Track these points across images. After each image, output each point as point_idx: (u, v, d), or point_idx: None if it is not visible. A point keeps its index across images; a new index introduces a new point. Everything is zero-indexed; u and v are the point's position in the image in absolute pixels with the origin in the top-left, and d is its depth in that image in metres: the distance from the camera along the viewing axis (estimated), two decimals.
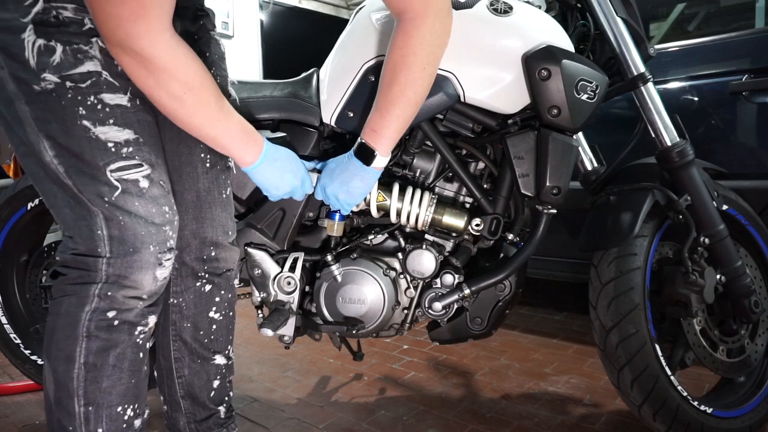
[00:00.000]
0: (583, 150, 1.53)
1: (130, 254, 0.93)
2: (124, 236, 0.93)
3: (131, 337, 0.96)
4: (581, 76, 1.13)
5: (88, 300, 0.93)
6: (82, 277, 0.94)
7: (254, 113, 1.30)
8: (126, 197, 0.93)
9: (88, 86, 0.89)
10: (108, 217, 0.92)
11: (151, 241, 0.94)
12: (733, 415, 1.38)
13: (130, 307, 0.95)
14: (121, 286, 0.93)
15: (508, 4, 1.17)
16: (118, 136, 0.92)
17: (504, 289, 1.28)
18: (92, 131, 0.90)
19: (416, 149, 1.30)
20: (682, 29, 2.35)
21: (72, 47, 0.88)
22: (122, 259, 0.93)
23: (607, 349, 1.31)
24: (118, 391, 0.95)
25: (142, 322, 0.98)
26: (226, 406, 1.24)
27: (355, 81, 1.21)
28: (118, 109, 0.92)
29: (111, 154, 0.91)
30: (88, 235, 0.93)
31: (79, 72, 0.88)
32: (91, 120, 0.89)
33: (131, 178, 0.93)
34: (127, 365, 0.96)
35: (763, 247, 1.49)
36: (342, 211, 1.22)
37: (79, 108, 0.89)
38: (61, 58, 0.87)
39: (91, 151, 0.90)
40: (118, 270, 0.93)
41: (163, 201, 0.97)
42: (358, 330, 1.28)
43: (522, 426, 1.52)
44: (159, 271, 0.96)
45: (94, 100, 0.90)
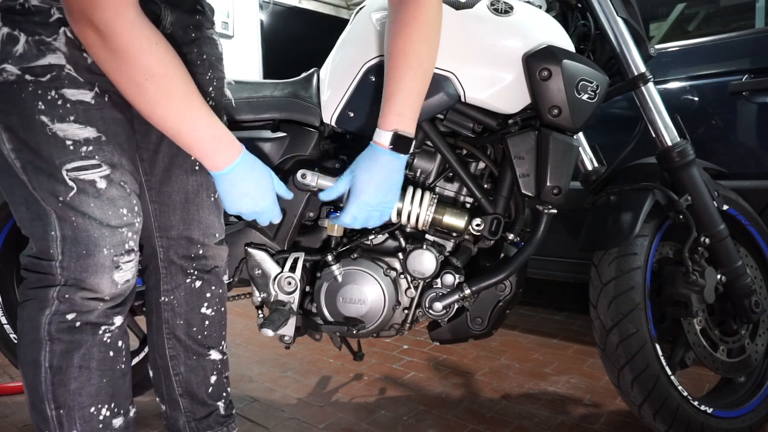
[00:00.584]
0: (584, 150, 1.53)
1: (84, 257, 0.90)
2: (77, 237, 0.90)
3: (95, 337, 0.94)
4: (582, 76, 1.13)
5: (48, 303, 0.91)
6: (40, 280, 0.92)
7: (254, 113, 1.30)
8: (81, 198, 0.89)
9: (48, 80, 0.85)
10: (61, 217, 0.89)
11: (105, 244, 0.91)
12: (734, 415, 1.38)
13: (90, 308, 0.93)
14: (78, 288, 0.91)
15: (509, 4, 1.17)
16: (77, 134, 0.88)
17: (504, 289, 1.28)
18: (50, 127, 0.86)
19: (417, 149, 1.30)
20: (682, 29, 2.35)
21: (35, 38, 0.84)
22: (75, 261, 0.90)
23: (607, 349, 1.32)
24: (89, 391, 0.93)
25: (107, 323, 0.96)
26: (225, 403, 1.23)
27: (356, 81, 1.21)
28: (80, 106, 0.88)
29: (68, 152, 0.88)
30: (41, 235, 0.90)
31: (40, 65, 0.85)
32: (50, 116, 0.86)
33: (87, 179, 0.89)
34: (95, 365, 0.94)
35: (763, 247, 1.50)
36: (383, 219, 1.12)
37: (39, 102, 0.85)
38: (23, 49, 0.84)
39: (49, 149, 0.87)
40: (73, 273, 0.90)
41: (121, 203, 0.93)
42: (358, 330, 1.28)
43: (522, 426, 1.52)
44: (117, 274, 0.93)
45: (54, 95, 0.86)
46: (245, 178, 0.98)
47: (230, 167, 0.95)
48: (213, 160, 0.94)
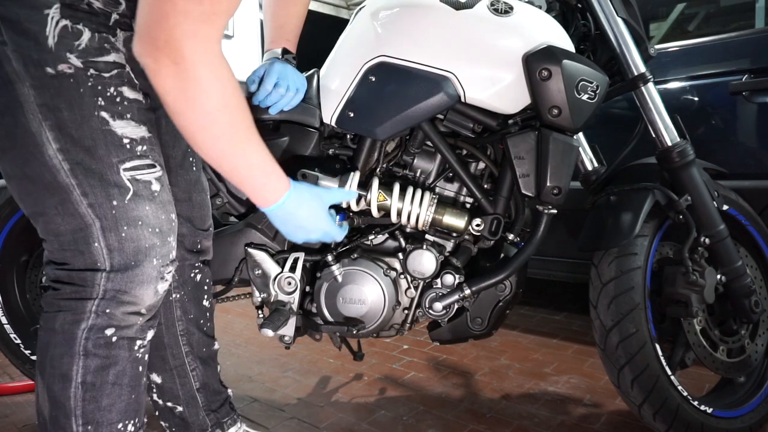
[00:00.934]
0: (584, 150, 1.53)
1: (132, 268, 0.87)
2: (125, 248, 0.87)
3: (131, 353, 0.92)
4: (582, 77, 1.13)
5: (84, 317, 0.87)
6: (77, 292, 0.88)
7: (254, 114, 1.30)
8: (137, 201, 0.87)
9: (111, 77, 0.84)
10: (106, 227, 0.85)
11: (155, 254, 0.89)
12: (734, 415, 1.38)
13: (130, 323, 0.90)
14: (119, 302, 0.88)
15: (509, 5, 1.17)
16: (134, 133, 0.87)
17: (504, 289, 1.28)
18: (110, 124, 0.84)
19: (417, 149, 1.30)
20: (682, 29, 2.35)
21: (101, 35, 0.84)
22: (123, 273, 0.87)
23: (607, 349, 1.32)
24: (119, 408, 0.91)
25: (141, 337, 0.94)
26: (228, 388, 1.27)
27: (356, 81, 1.21)
28: (135, 105, 0.87)
29: (126, 151, 0.85)
30: (84, 247, 0.86)
31: (104, 60, 0.84)
32: (110, 112, 0.84)
33: (144, 179, 0.87)
34: (127, 381, 0.92)
35: (763, 247, 1.50)
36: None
37: (99, 98, 0.83)
38: (87, 44, 0.82)
39: (106, 146, 0.84)
40: (118, 285, 0.87)
41: (170, 207, 0.92)
42: (358, 330, 1.28)
43: (522, 426, 1.52)
44: (160, 285, 0.92)
45: (114, 92, 0.85)
46: (295, 212, 0.98)
47: (279, 203, 0.94)
48: (265, 195, 0.93)
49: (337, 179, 1.26)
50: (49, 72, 0.80)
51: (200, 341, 1.20)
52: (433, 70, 1.16)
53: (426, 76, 1.17)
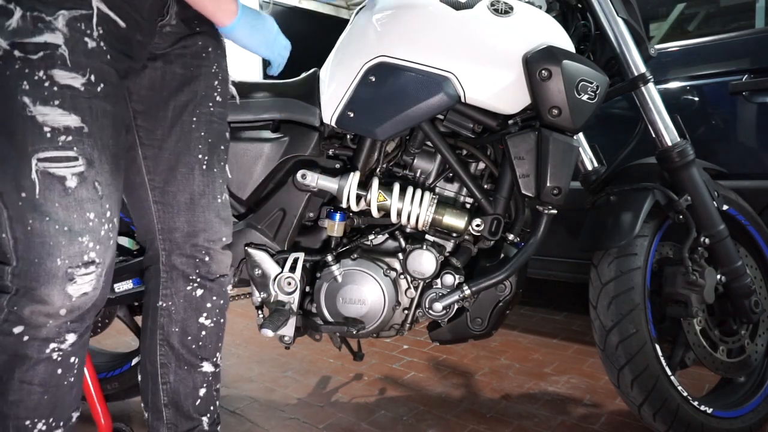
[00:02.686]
0: (583, 150, 1.54)
1: (35, 264, 0.82)
2: (30, 242, 0.81)
3: (41, 354, 0.86)
4: (582, 77, 1.13)
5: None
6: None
7: (254, 113, 1.30)
8: (45, 195, 0.81)
9: (39, 58, 0.79)
10: (14, 217, 0.81)
11: (60, 253, 0.82)
12: (734, 415, 1.38)
13: (38, 324, 0.85)
14: (29, 300, 0.83)
15: (509, 5, 1.17)
16: (58, 121, 0.81)
17: (504, 289, 1.29)
18: (30, 109, 0.79)
19: (417, 149, 1.30)
20: (682, 29, 2.35)
21: (33, 14, 0.79)
22: (27, 269, 0.82)
23: (607, 349, 1.32)
24: (26, 405, 0.87)
25: (57, 339, 0.87)
26: (210, 418, 1.15)
27: (356, 81, 1.21)
28: (67, 91, 0.81)
29: (44, 140, 0.80)
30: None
31: (34, 42, 0.79)
32: (32, 97, 0.79)
33: (58, 174, 0.81)
34: (37, 381, 0.87)
35: (763, 247, 1.50)
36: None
37: (23, 82, 0.79)
38: (17, 24, 0.78)
39: (23, 133, 0.79)
40: (24, 281, 0.82)
41: (89, 206, 0.85)
42: (358, 330, 1.28)
43: (522, 426, 1.52)
44: (71, 287, 0.84)
45: (42, 76, 0.80)
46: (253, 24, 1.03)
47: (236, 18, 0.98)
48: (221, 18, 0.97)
49: (337, 179, 1.26)
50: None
51: (181, 357, 1.11)
52: (433, 71, 1.16)
53: (426, 77, 1.17)
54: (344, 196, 1.24)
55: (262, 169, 1.30)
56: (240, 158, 1.30)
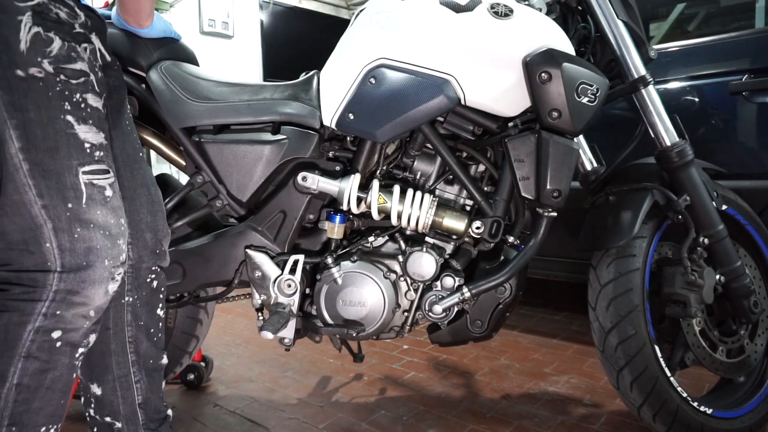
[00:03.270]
0: (583, 150, 1.54)
1: (84, 268, 0.89)
2: (77, 249, 0.88)
3: (71, 360, 0.93)
4: (582, 79, 1.13)
5: (32, 318, 0.88)
6: (26, 293, 0.88)
7: (254, 115, 1.30)
8: (91, 204, 0.90)
9: (78, 84, 0.90)
10: (58, 228, 0.87)
11: (107, 255, 0.91)
12: (733, 416, 1.38)
13: (77, 326, 0.91)
14: (70, 304, 0.89)
15: (509, 7, 1.17)
16: (95, 138, 0.92)
17: (504, 291, 1.29)
18: (75, 128, 0.89)
19: (417, 152, 1.30)
20: (682, 29, 2.35)
21: (69, 44, 0.90)
22: (75, 273, 0.88)
23: (606, 351, 1.32)
24: (47, 412, 0.91)
25: (83, 343, 0.94)
26: (167, 406, 1.20)
27: (356, 83, 1.21)
28: (96, 113, 0.93)
29: (86, 155, 0.90)
30: (35, 247, 0.87)
31: (72, 68, 0.90)
32: (75, 116, 0.89)
33: (99, 184, 0.91)
34: (60, 386, 0.92)
35: (762, 247, 1.50)
36: None
37: (66, 103, 0.88)
38: (58, 51, 0.88)
39: (68, 149, 0.88)
40: (70, 285, 0.88)
41: (120, 213, 0.96)
42: (358, 333, 1.28)
43: (522, 426, 1.53)
44: (111, 286, 0.93)
45: (80, 98, 0.90)
46: None
47: None
48: None
49: (337, 181, 1.26)
50: (18, 74, 0.85)
51: (148, 351, 1.15)
52: (434, 73, 1.16)
53: (426, 79, 1.17)
54: (344, 198, 1.24)
55: (262, 172, 1.30)
56: (240, 160, 1.30)
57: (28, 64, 0.85)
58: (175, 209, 1.39)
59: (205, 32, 4.34)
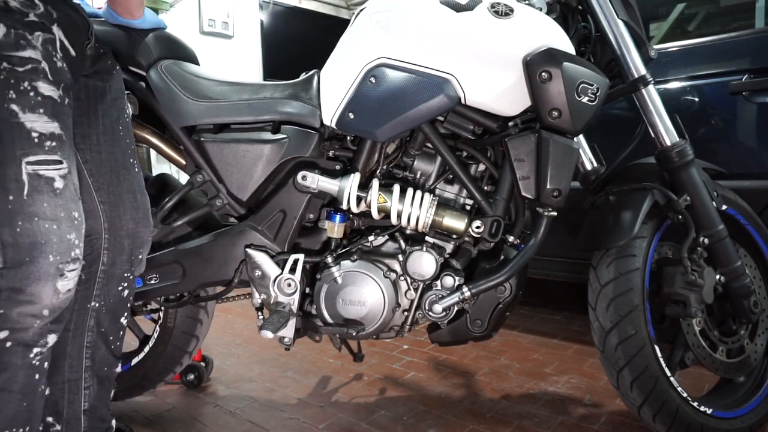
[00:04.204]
0: (583, 150, 1.54)
1: (26, 264, 0.84)
2: (19, 243, 0.84)
3: (24, 360, 0.88)
4: (582, 79, 1.13)
5: None
6: None
7: (254, 115, 1.30)
8: (34, 197, 0.85)
9: (25, 71, 0.86)
10: (1, 222, 0.84)
11: (51, 250, 0.86)
12: (733, 416, 1.38)
13: (26, 326, 0.86)
14: (15, 302, 0.84)
15: (509, 7, 1.17)
16: (45, 128, 0.87)
17: (504, 291, 1.29)
18: (19, 116, 0.85)
19: (417, 151, 1.30)
20: (682, 29, 2.35)
21: (16, 31, 0.86)
22: (16, 269, 0.84)
23: (606, 351, 1.32)
24: (5, 415, 0.87)
25: (40, 342, 0.89)
26: (113, 416, 1.17)
27: (356, 82, 1.21)
28: (49, 101, 0.88)
29: (33, 144, 0.86)
30: None
31: (19, 55, 0.86)
32: (20, 105, 0.85)
33: (47, 175, 0.86)
34: (17, 388, 0.87)
35: (762, 247, 1.50)
36: None
37: (10, 91, 0.85)
38: (2, 39, 0.85)
39: (12, 138, 0.84)
40: (11, 282, 0.84)
41: (73, 206, 0.91)
42: (358, 332, 1.28)
43: (522, 426, 1.53)
44: (61, 283, 0.88)
45: (28, 86, 0.86)
46: None
47: None
48: None
49: (337, 181, 1.26)
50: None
51: (104, 359, 1.12)
52: (434, 72, 1.16)
53: (426, 78, 1.17)
54: (344, 197, 1.24)
55: (262, 171, 1.30)
56: (240, 159, 1.30)
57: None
58: (175, 208, 1.39)
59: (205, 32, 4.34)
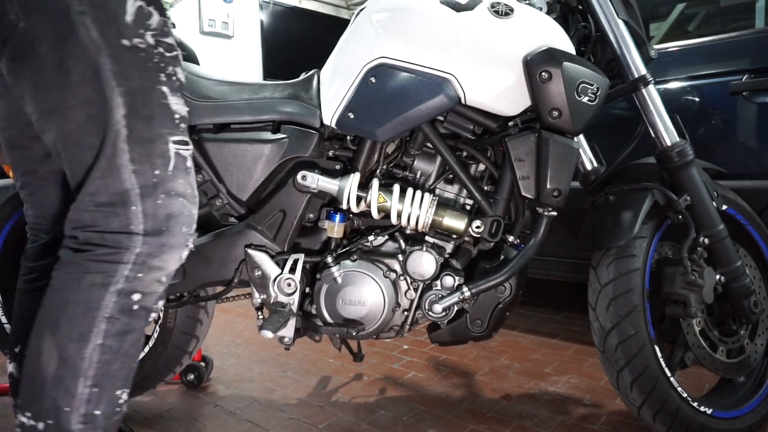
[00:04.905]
0: (583, 150, 1.53)
1: (164, 233, 0.91)
2: (158, 214, 0.91)
3: (145, 324, 0.95)
4: (582, 79, 1.13)
5: (115, 280, 0.89)
6: (111, 255, 0.89)
7: (254, 114, 1.30)
8: (175, 173, 0.92)
9: (172, 57, 0.93)
10: (145, 193, 0.90)
11: (183, 222, 0.94)
12: (733, 416, 1.38)
13: (153, 290, 0.93)
14: (150, 267, 0.91)
15: (509, 6, 1.17)
16: (182, 110, 0.95)
17: (504, 291, 1.29)
18: (168, 99, 0.92)
19: (417, 151, 1.30)
20: (682, 29, 2.35)
21: (163, 18, 0.93)
22: (156, 237, 0.91)
23: (606, 351, 1.32)
24: (123, 375, 0.93)
25: (154, 308, 0.96)
26: None
27: (356, 82, 1.21)
28: (182, 86, 0.96)
29: (175, 125, 0.93)
30: (121, 210, 0.89)
31: (167, 41, 0.92)
32: (168, 88, 0.92)
33: (183, 154, 0.94)
34: (134, 351, 0.94)
35: (762, 247, 1.50)
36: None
37: (161, 74, 0.91)
38: (157, 24, 0.91)
39: (162, 118, 0.91)
40: (151, 249, 0.90)
41: (194, 184, 0.98)
42: (358, 332, 1.28)
43: (522, 426, 1.53)
44: (184, 252, 0.96)
45: (172, 71, 0.93)
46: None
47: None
48: None
49: (337, 180, 1.26)
50: (124, 44, 0.87)
51: None
52: (434, 72, 1.16)
53: (426, 78, 1.17)
54: (344, 197, 1.24)
55: (261, 171, 1.30)
56: (240, 159, 1.30)
57: (132, 36, 0.87)
58: None
59: (205, 32, 4.35)
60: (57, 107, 0.89)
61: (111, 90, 0.87)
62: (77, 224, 0.91)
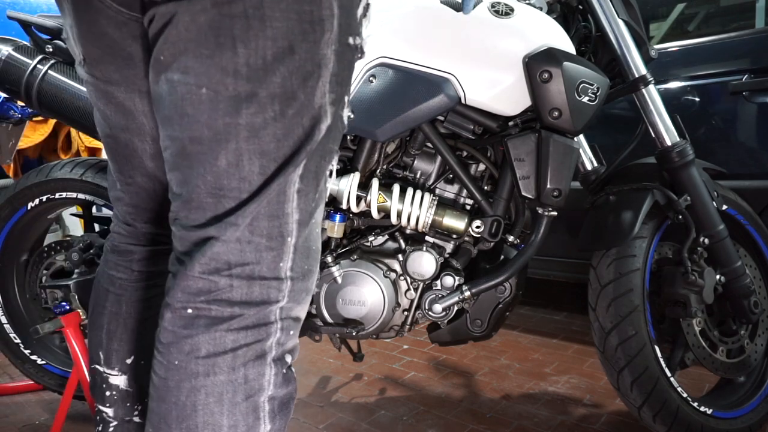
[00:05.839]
0: (583, 150, 1.53)
1: (310, 274, 0.71)
2: (309, 247, 0.70)
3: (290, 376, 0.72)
4: (582, 79, 1.13)
5: (268, 349, 0.67)
6: (260, 315, 0.66)
7: None
8: (321, 200, 0.73)
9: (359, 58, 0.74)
10: (302, 222, 0.68)
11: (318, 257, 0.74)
12: (733, 416, 1.38)
13: (296, 343, 0.72)
14: (293, 319, 0.70)
15: (509, 6, 1.17)
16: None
17: (504, 291, 1.29)
18: (345, 108, 0.72)
19: (417, 151, 1.30)
20: (682, 29, 2.35)
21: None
22: (302, 281, 0.70)
23: (606, 351, 1.32)
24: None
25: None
26: None
27: (356, 82, 1.21)
28: None
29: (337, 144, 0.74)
30: (277, 243, 0.66)
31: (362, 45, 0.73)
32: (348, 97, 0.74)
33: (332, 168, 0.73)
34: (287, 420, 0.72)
35: (762, 247, 1.50)
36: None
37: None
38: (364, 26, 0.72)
39: (337, 131, 0.71)
40: (296, 295, 0.70)
41: None
42: (358, 332, 1.28)
43: (522, 426, 1.53)
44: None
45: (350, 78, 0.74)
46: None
47: None
48: None
49: (337, 180, 1.26)
50: (349, 42, 0.68)
51: None
52: (434, 72, 1.16)
53: (426, 78, 1.17)
54: (344, 197, 1.24)
55: None
56: None
57: (356, 34, 0.69)
58: None
59: None
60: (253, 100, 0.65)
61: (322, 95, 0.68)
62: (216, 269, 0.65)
